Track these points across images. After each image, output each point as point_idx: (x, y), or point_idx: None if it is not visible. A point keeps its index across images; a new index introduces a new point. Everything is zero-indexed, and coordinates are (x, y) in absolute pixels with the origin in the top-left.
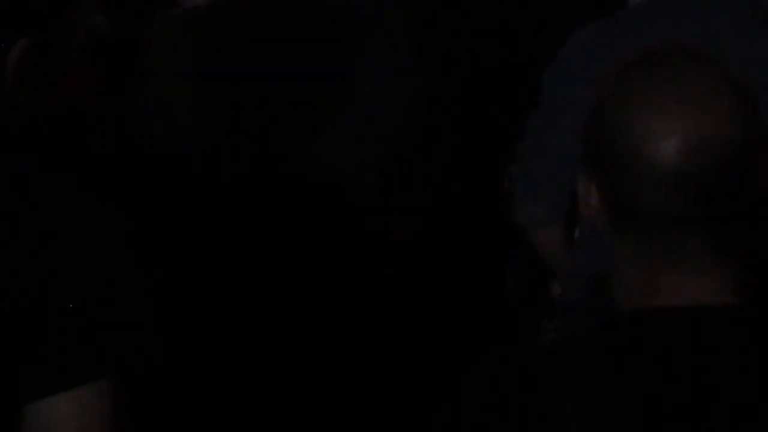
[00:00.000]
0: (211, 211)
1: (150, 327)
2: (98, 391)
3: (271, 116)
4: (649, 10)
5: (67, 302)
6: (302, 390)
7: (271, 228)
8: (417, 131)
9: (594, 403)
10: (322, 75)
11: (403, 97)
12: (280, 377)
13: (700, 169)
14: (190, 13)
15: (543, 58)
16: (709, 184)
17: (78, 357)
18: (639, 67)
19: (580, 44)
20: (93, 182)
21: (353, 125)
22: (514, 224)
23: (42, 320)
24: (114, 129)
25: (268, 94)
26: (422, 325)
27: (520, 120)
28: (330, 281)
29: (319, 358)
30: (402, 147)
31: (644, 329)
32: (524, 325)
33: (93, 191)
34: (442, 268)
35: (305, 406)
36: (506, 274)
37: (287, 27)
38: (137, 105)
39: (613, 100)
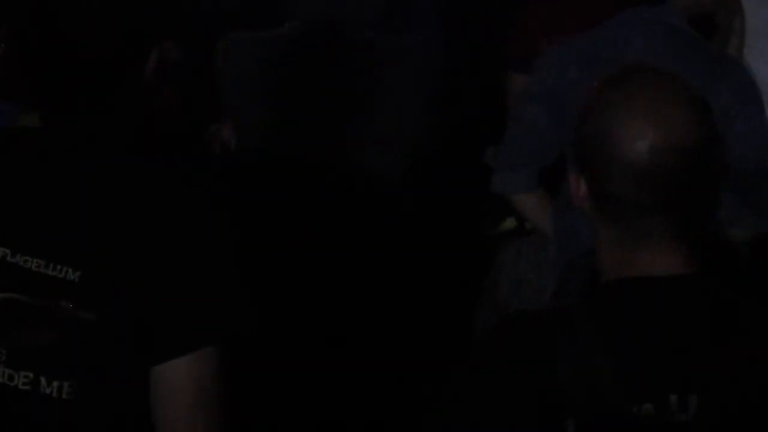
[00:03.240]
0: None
1: (249, 303)
2: (212, 355)
3: (318, 129)
4: (609, 35)
5: (186, 281)
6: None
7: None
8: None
9: (581, 358)
10: (355, 97)
11: (418, 109)
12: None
13: (666, 166)
14: (252, 38)
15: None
16: (673, 178)
17: (196, 325)
18: (615, 82)
19: (556, 49)
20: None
21: (381, 134)
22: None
23: (164, 296)
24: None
25: (315, 111)
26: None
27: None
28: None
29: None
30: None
31: (621, 296)
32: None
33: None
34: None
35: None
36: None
37: (329, 58)
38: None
39: (595, 110)
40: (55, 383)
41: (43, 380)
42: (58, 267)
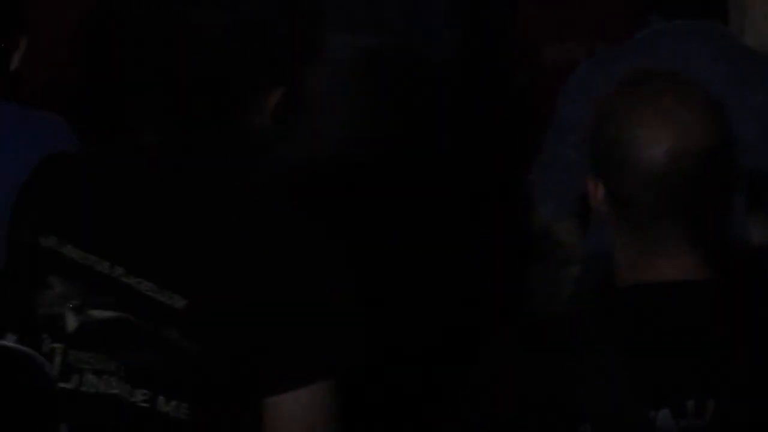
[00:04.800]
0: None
1: (362, 331)
2: (330, 388)
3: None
4: (639, 44)
5: (301, 310)
6: None
7: None
8: None
9: (597, 363)
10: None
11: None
12: None
13: (682, 171)
14: None
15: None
16: (689, 183)
17: (317, 357)
18: (631, 86)
19: (582, 73)
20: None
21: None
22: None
23: (279, 328)
24: None
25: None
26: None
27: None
28: None
29: None
30: None
31: (636, 301)
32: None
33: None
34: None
35: None
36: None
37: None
38: None
39: (611, 114)
40: (174, 402)
41: (161, 398)
42: (167, 293)
